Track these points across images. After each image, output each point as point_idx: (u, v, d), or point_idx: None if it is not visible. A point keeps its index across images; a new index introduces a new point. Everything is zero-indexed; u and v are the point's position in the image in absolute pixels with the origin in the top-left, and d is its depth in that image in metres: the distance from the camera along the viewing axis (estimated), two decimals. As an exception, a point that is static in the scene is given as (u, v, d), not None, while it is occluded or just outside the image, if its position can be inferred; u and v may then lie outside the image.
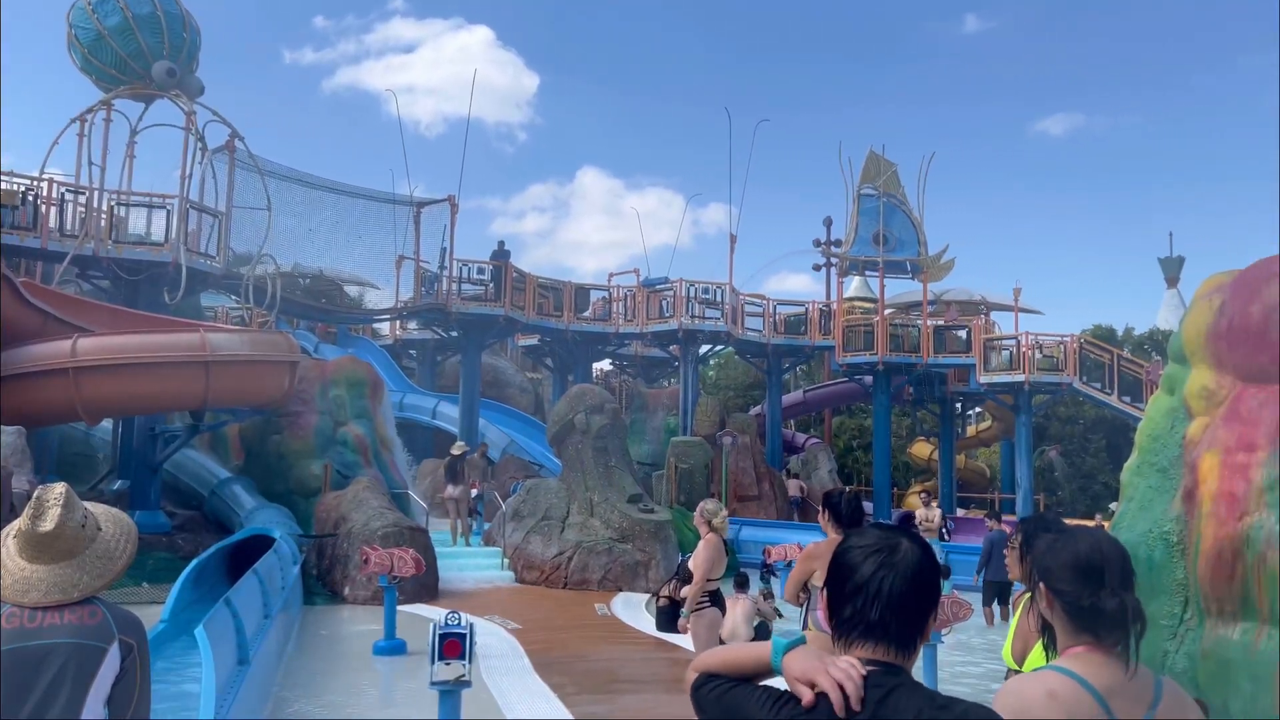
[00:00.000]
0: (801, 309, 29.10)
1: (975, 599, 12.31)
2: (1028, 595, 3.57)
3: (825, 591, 1.80)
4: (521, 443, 26.53)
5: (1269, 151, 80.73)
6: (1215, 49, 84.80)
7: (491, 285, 24.04)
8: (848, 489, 6.27)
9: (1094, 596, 2.07)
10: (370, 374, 20.32)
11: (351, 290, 31.16)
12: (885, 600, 1.69)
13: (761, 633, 10.94)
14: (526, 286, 25.14)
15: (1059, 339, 26.08)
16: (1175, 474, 6.48)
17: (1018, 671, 3.54)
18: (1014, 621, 4.02)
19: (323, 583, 15.01)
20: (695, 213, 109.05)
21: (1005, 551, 4.97)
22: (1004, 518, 17.59)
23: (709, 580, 7.30)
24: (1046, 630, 2.22)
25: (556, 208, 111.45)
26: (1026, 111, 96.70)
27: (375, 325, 31.58)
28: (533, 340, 30.02)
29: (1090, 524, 15.33)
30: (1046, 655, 2.32)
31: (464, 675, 5.86)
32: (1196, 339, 6.56)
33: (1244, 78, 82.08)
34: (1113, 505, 17.86)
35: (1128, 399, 24.68)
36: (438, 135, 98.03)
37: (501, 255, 24.88)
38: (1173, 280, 39.34)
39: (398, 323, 29.14)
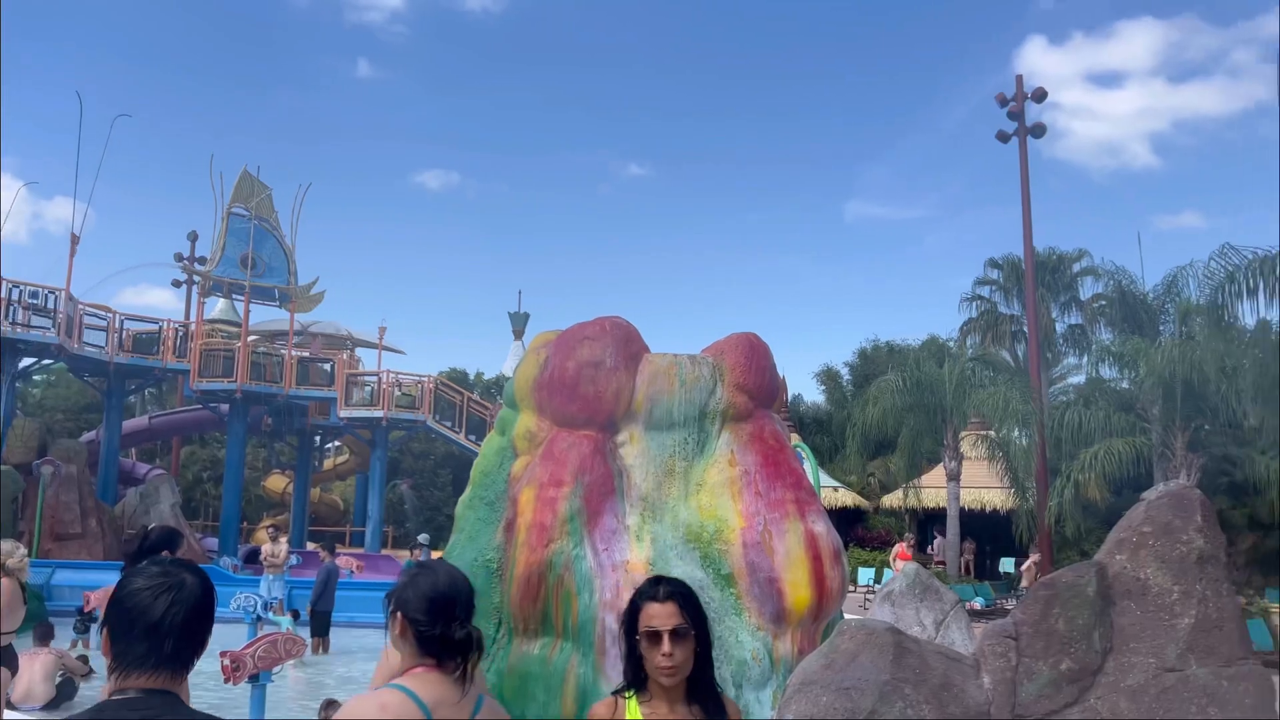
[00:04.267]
0: (155, 327, 26.53)
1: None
2: None
3: (106, 630, 1.84)
4: None
5: (609, 225, 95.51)
6: (588, 139, 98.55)
7: None
8: (152, 528, 5.86)
9: (445, 627, 2.35)
10: None
11: None
12: (179, 634, 1.80)
13: (66, 690, 9.53)
14: None
15: (418, 378, 27.54)
16: (500, 507, 7.19)
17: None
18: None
19: None
20: (38, 204, 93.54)
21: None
22: (339, 550, 17.91)
23: (-2, 635, 6.17)
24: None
25: None
26: (408, 162, 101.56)
27: None
28: None
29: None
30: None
31: None
32: (525, 386, 7.41)
33: (577, 171, 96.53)
34: None
35: (474, 437, 26.95)
36: None
37: None
38: (519, 333, 44.33)
39: None
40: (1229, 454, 20.68)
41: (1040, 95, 22.09)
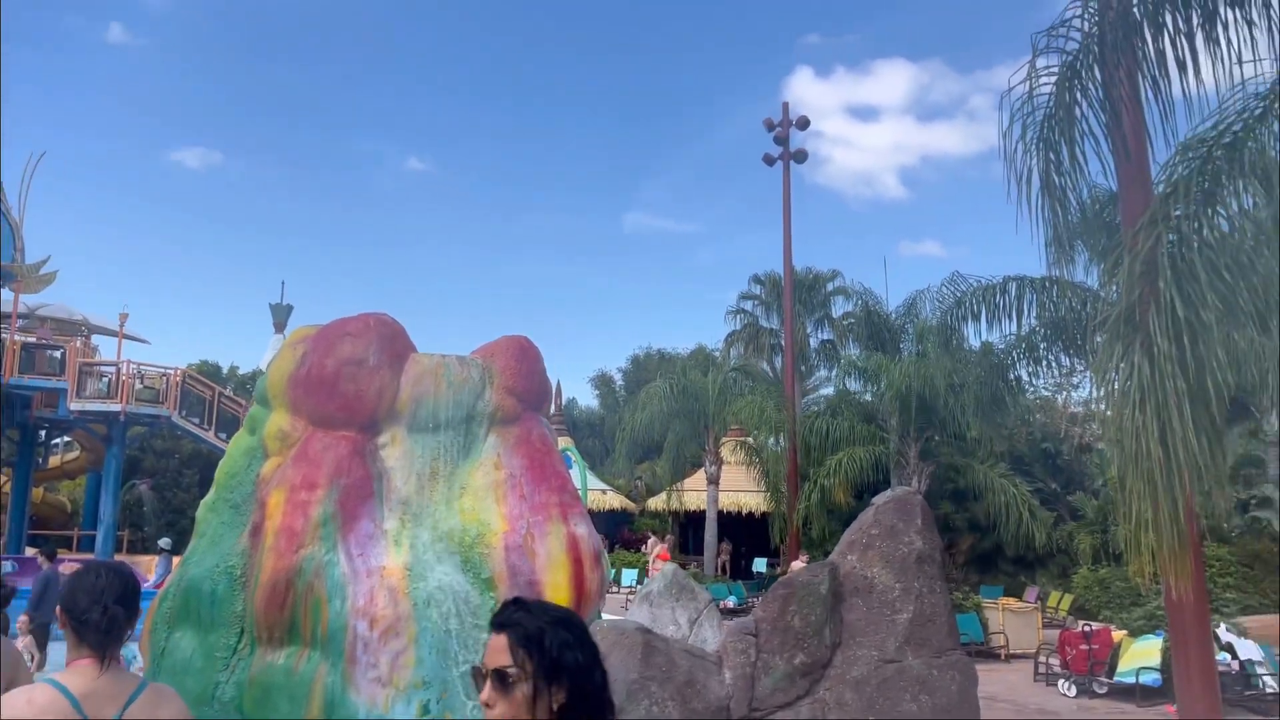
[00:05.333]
0: None
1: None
2: None
3: None
4: None
5: (384, 218, 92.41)
6: (359, 125, 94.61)
7: None
8: None
9: (86, 612, 2.40)
10: None
11: None
12: None
13: None
14: None
15: (163, 370, 25.53)
16: (247, 510, 6.80)
17: None
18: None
19: None
20: None
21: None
22: (62, 556, 16.30)
23: None
24: None
25: None
26: (164, 137, 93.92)
27: None
28: None
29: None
30: None
31: None
32: (279, 383, 7.05)
33: (353, 160, 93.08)
34: None
35: (224, 436, 25.29)
36: None
37: None
38: (280, 325, 41.97)
39: None
40: (954, 463, 22.80)
41: (803, 123, 23.53)
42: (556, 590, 7.10)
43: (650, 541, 24.77)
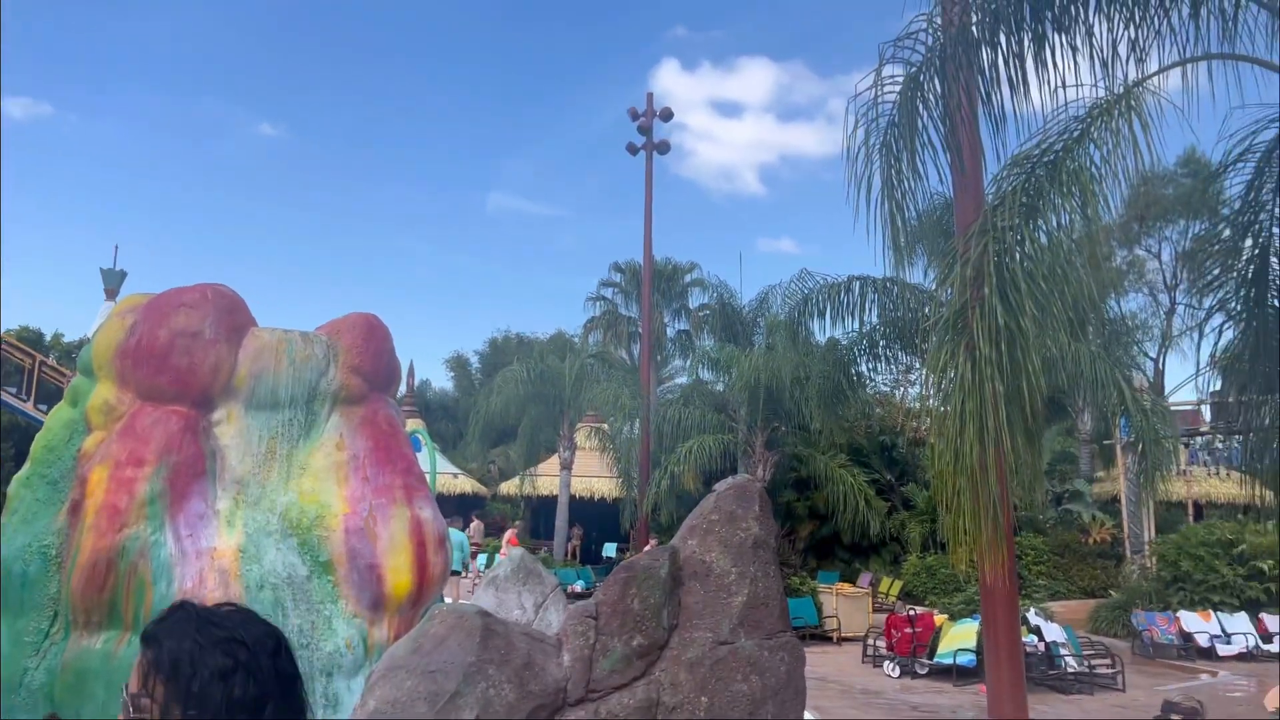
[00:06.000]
0: None
1: None
2: None
3: None
4: None
5: (231, 185, 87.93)
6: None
7: None
8: None
9: None
10: None
11: None
12: None
13: None
14: None
15: (-22, 336, 23.67)
16: (65, 487, 6.42)
17: None
18: None
19: None
20: None
21: None
22: None
23: None
24: None
25: None
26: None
27: None
28: None
29: None
30: None
31: None
32: (106, 354, 6.68)
33: (200, 122, 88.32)
34: None
35: (45, 407, 23.65)
36: None
37: None
38: (112, 292, 39.41)
39: None
40: (798, 453, 23.65)
41: (666, 114, 23.82)
42: (397, 574, 7.03)
43: (508, 533, 24.64)
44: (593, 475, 29.67)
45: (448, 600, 8.37)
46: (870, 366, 19.11)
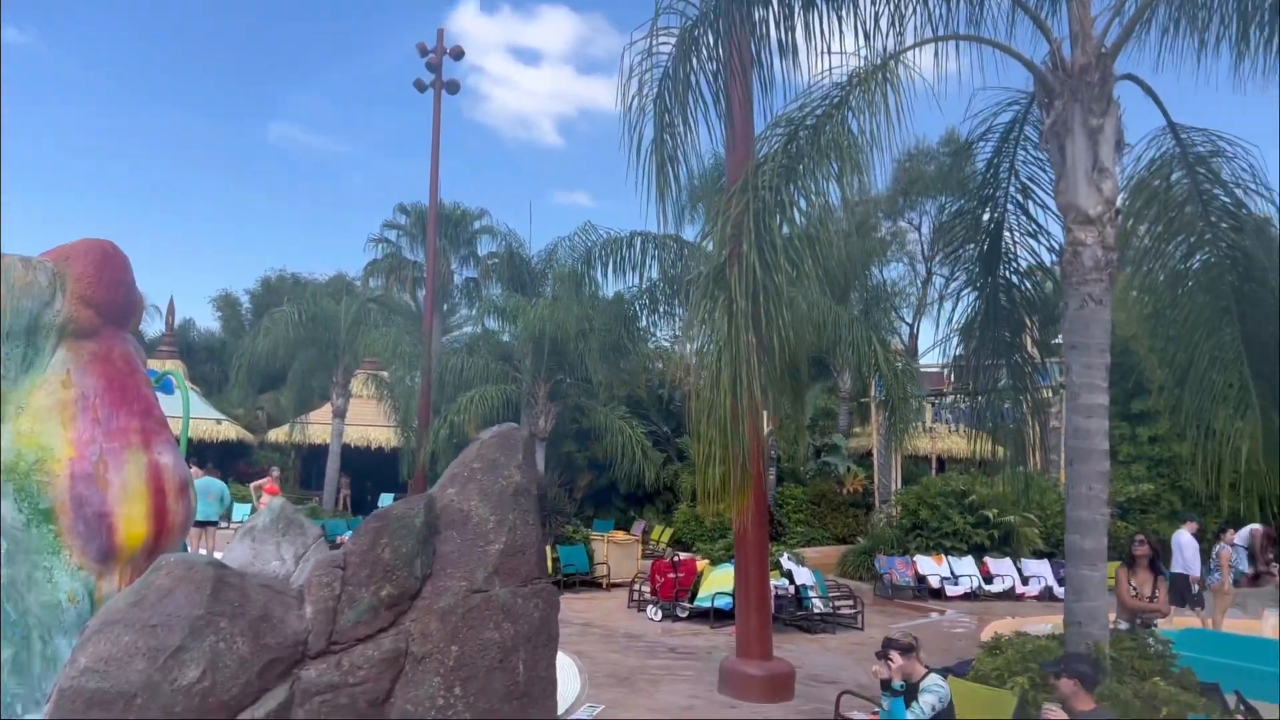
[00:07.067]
0: None
1: None
2: None
3: None
4: None
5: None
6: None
7: None
8: None
9: None
10: None
11: None
12: None
13: None
14: None
15: None
16: None
17: None
18: None
19: None
20: None
21: None
22: None
23: None
24: None
25: None
26: None
27: None
28: None
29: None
30: None
31: None
32: None
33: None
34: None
35: None
36: None
37: None
38: None
39: None
40: (580, 404, 23.90)
41: (457, 53, 23.05)
42: (130, 523, 6.54)
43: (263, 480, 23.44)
44: (370, 424, 28.79)
45: (201, 554, 7.88)
46: (651, 321, 19.54)
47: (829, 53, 6.51)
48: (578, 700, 9.11)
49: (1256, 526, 18.20)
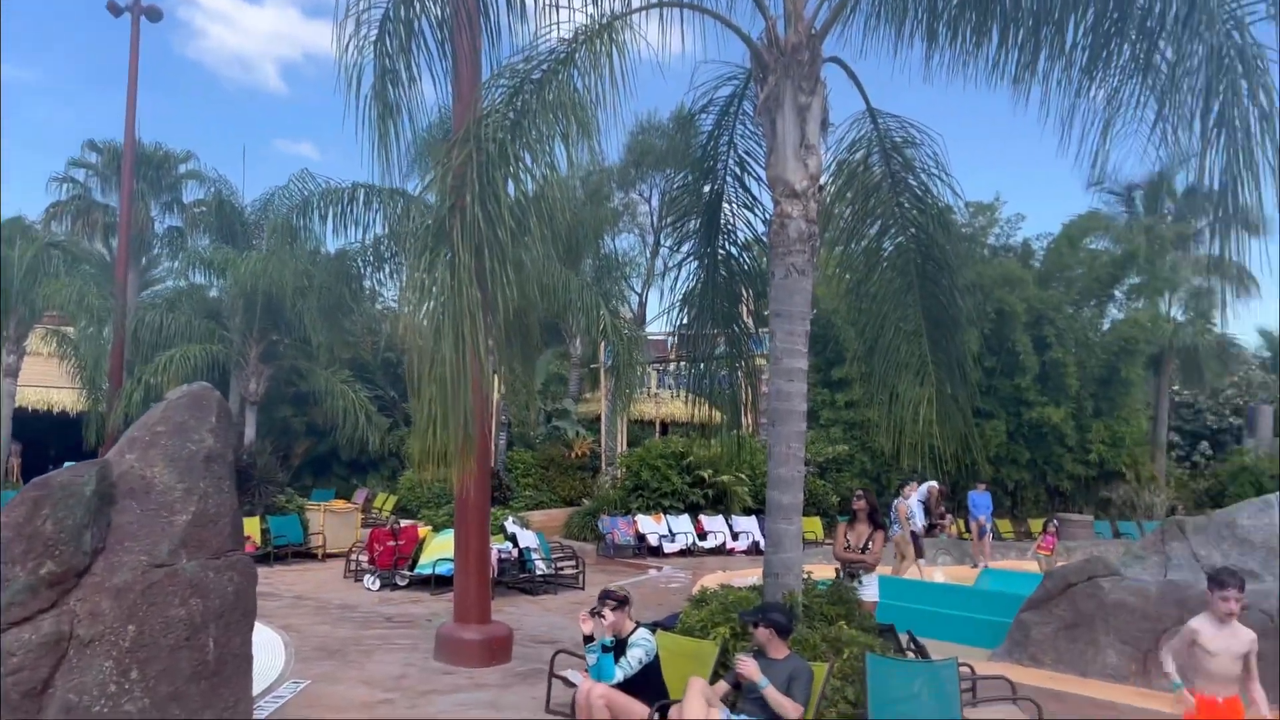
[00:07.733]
0: None
1: None
2: None
3: None
4: None
5: None
6: None
7: None
8: None
9: None
10: None
11: None
12: None
13: None
14: None
15: None
16: None
17: None
18: None
19: None
20: None
21: None
22: None
23: None
24: None
25: None
26: None
27: None
28: None
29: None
30: None
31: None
32: None
33: None
34: None
35: None
36: None
37: None
38: None
39: None
40: (298, 366, 22.52)
41: (159, -23, 20.76)
42: None
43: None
44: (49, 385, 25.71)
45: None
46: (377, 280, 18.70)
47: (555, 6, 6.39)
48: (281, 677, 8.59)
49: (933, 483, 20.36)
